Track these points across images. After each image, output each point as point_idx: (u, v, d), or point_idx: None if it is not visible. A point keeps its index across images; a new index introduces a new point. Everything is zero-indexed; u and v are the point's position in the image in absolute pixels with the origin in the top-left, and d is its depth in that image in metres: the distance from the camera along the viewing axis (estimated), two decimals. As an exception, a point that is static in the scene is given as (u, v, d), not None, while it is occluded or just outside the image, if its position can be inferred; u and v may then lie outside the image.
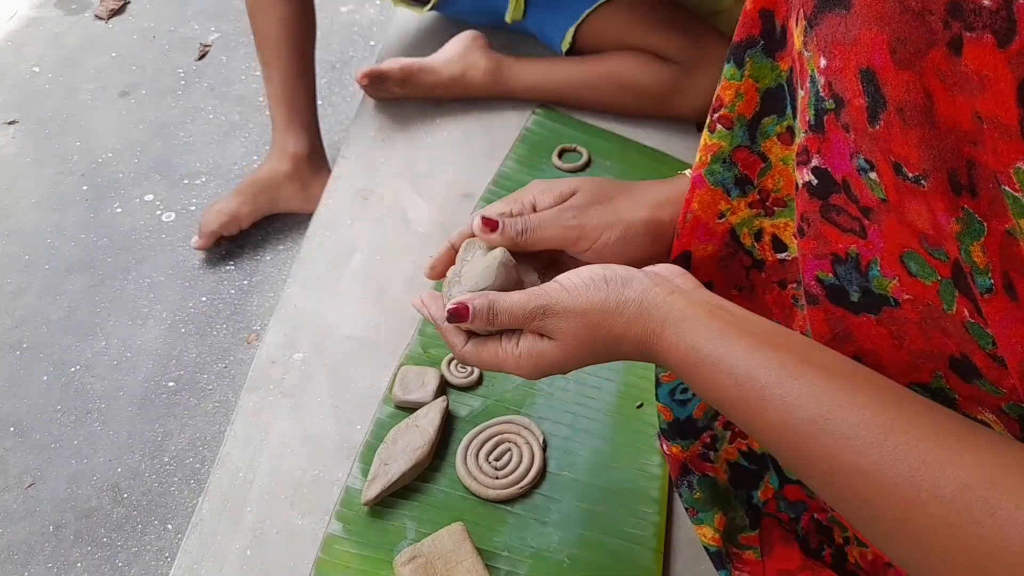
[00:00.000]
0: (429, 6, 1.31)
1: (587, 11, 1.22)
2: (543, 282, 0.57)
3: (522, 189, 0.64)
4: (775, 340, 0.45)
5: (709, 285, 0.60)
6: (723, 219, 0.57)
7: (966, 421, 0.39)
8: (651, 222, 0.61)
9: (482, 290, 0.55)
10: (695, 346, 0.46)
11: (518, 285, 0.58)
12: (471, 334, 0.56)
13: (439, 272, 0.62)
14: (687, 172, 0.63)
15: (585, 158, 1.15)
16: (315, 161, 1.50)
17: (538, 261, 0.64)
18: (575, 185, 0.63)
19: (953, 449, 0.37)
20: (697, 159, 0.56)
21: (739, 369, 0.44)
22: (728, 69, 0.52)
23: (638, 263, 0.59)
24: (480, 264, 0.58)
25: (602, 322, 0.50)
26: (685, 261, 0.59)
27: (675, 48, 1.19)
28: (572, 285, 0.51)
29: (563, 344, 0.52)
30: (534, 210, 0.62)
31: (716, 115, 0.53)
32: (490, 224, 0.59)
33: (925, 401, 0.41)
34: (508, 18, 1.30)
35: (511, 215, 0.61)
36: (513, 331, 0.54)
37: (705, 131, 0.55)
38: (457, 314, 0.53)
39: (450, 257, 0.62)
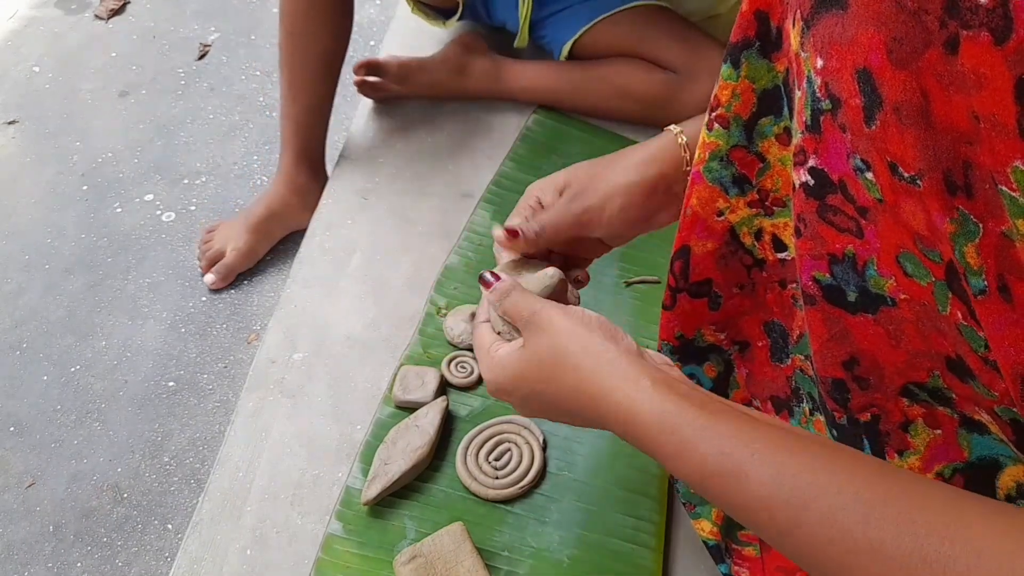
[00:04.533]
0: (456, 18, 1.29)
1: (584, 28, 1.22)
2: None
3: (522, 197, 0.68)
4: (753, 413, 0.46)
5: (708, 282, 0.61)
6: (722, 217, 0.57)
7: (950, 488, 0.38)
8: (642, 183, 0.64)
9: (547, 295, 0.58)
10: (674, 413, 0.45)
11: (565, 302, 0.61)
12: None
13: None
14: (672, 128, 0.66)
15: None
16: (320, 182, 1.48)
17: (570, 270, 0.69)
18: (567, 176, 0.67)
19: (952, 516, 0.35)
20: (696, 156, 0.57)
21: (723, 439, 0.43)
22: (725, 70, 0.52)
23: (643, 221, 0.65)
24: (534, 281, 0.60)
25: (573, 355, 0.49)
26: (685, 256, 0.60)
27: (672, 56, 1.18)
28: (566, 310, 0.52)
29: (527, 354, 0.52)
30: (541, 206, 0.66)
31: (713, 114, 0.54)
32: (512, 232, 0.63)
33: (906, 472, 0.40)
34: (515, 45, 1.30)
35: (526, 221, 0.64)
36: (511, 333, 0.56)
37: (703, 129, 0.56)
38: (485, 281, 0.57)
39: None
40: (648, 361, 0.50)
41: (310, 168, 1.43)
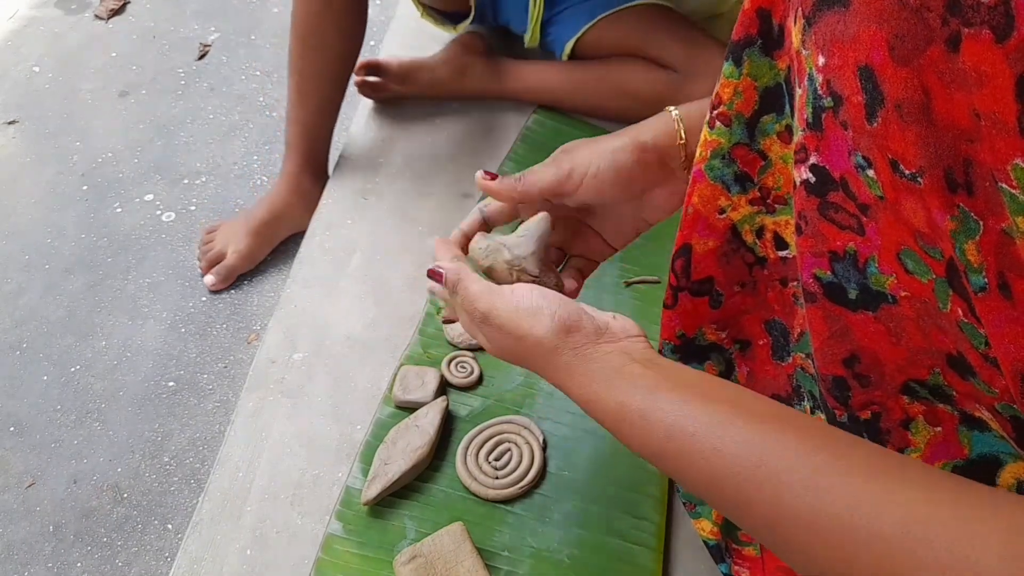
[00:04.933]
0: (467, 22, 1.29)
1: (587, 26, 1.22)
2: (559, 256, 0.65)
3: None
4: (705, 391, 0.46)
5: (710, 280, 0.61)
6: (724, 215, 0.57)
7: (893, 456, 0.40)
8: (634, 145, 0.64)
9: (533, 235, 0.61)
10: (624, 401, 0.47)
11: (546, 249, 0.63)
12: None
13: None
14: (670, 108, 0.66)
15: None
16: (323, 187, 1.47)
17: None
18: (563, 146, 0.67)
19: (885, 487, 0.37)
20: (697, 154, 0.57)
21: (669, 420, 0.45)
22: (727, 67, 0.52)
23: (631, 188, 0.64)
24: (526, 228, 0.63)
25: (533, 353, 0.52)
26: (686, 254, 0.60)
27: (673, 56, 1.18)
28: (521, 305, 0.53)
29: (491, 347, 0.56)
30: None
31: (715, 112, 0.54)
32: (490, 175, 0.64)
33: (852, 438, 0.41)
34: (527, 46, 1.30)
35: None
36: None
37: (704, 127, 0.55)
38: (434, 275, 0.59)
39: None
40: (603, 344, 0.51)
41: (314, 172, 1.41)
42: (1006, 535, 0.33)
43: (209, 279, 1.46)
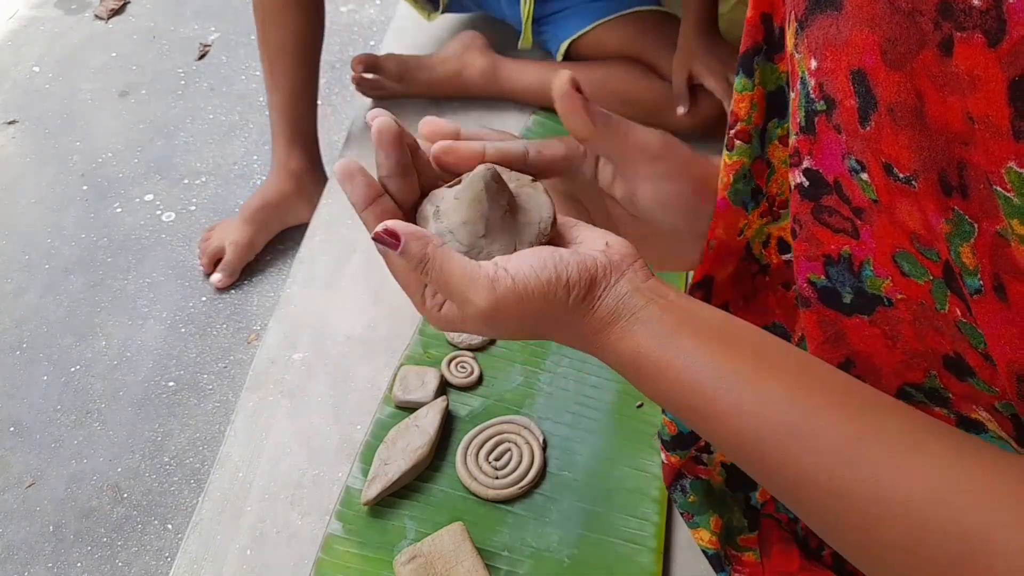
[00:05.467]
0: (439, 12, 1.30)
1: (583, 30, 1.22)
2: (554, 209, 0.48)
3: None
4: (730, 338, 0.42)
5: (724, 306, 0.58)
6: (741, 236, 0.56)
7: (928, 423, 0.37)
8: (674, 142, 0.53)
9: (467, 197, 0.45)
10: (638, 351, 0.42)
11: (511, 209, 0.47)
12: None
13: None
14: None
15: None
16: (317, 172, 1.48)
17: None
18: None
19: (919, 461, 0.35)
20: (720, 182, 0.53)
21: (688, 376, 0.40)
22: (739, 82, 0.50)
23: (687, 185, 0.53)
24: (460, 190, 0.46)
25: (548, 327, 0.44)
26: (707, 286, 0.57)
27: (668, 63, 1.19)
28: (525, 284, 0.42)
29: (491, 329, 0.45)
30: None
31: (733, 131, 0.51)
32: (576, 85, 0.50)
33: (887, 403, 0.39)
34: (520, 47, 1.31)
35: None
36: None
37: (724, 151, 0.52)
38: (383, 240, 0.43)
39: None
40: (613, 288, 0.43)
41: (302, 154, 1.43)
42: None
43: (215, 277, 1.47)
